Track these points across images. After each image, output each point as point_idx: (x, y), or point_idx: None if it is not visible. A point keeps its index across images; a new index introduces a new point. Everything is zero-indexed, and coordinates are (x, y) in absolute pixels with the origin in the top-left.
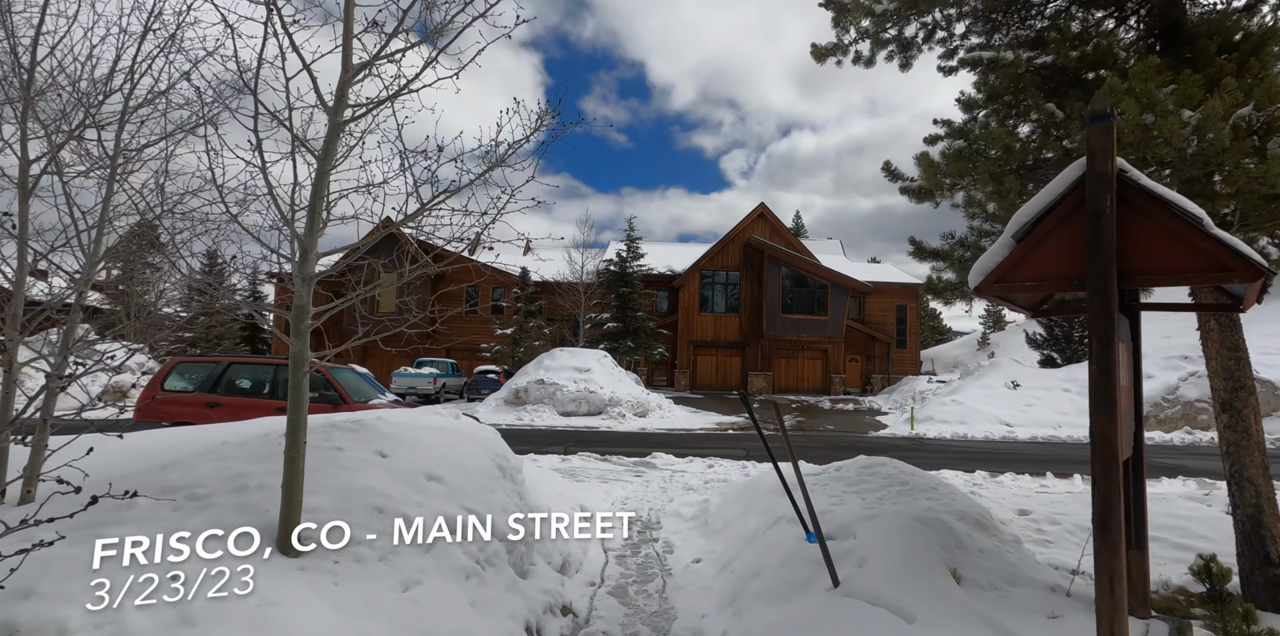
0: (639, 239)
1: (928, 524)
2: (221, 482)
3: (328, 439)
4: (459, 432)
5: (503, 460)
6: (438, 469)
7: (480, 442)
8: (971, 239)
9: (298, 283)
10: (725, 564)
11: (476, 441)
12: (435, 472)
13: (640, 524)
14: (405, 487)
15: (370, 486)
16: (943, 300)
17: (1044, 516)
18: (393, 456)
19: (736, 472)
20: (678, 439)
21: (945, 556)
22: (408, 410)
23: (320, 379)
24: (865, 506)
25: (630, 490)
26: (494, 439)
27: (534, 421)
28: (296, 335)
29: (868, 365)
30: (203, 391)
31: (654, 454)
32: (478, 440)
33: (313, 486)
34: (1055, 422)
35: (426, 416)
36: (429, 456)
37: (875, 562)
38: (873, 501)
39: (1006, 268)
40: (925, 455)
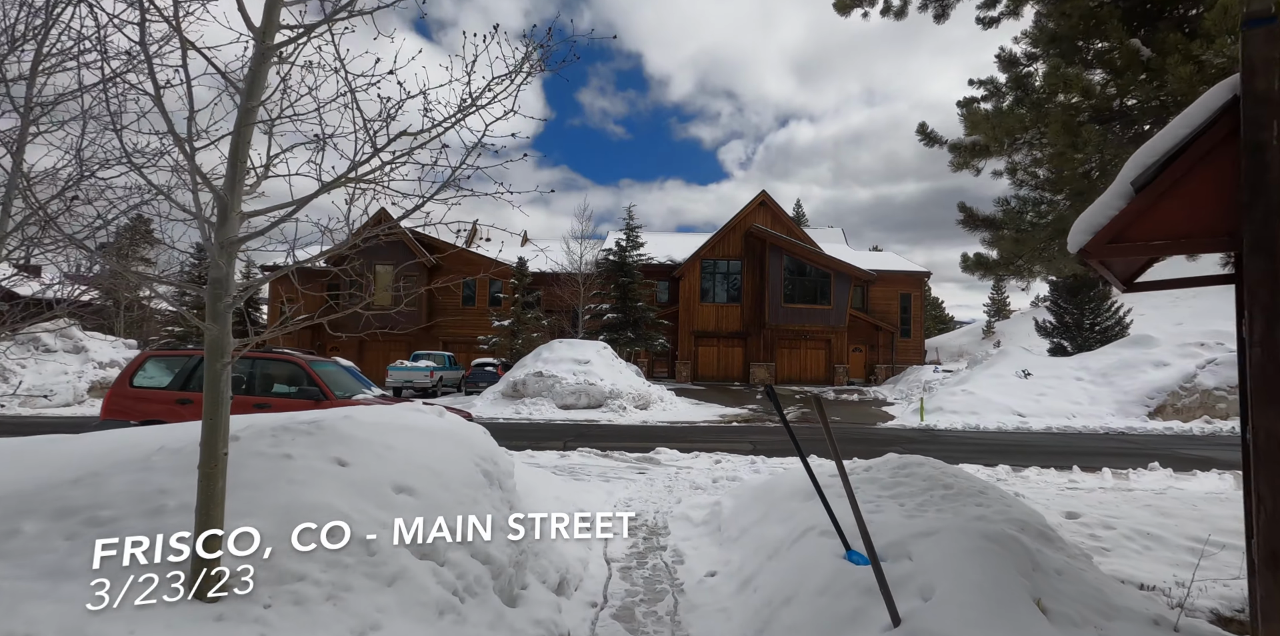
0: (638, 227)
1: (997, 541)
2: (134, 502)
3: (276, 444)
4: (439, 433)
5: (490, 464)
6: (410, 478)
7: (464, 444)
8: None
9: (215, 250)
10: (745, 580)
11: (459, 443)
12: (406, 483)
13: (646, 529)
14: (367, 503)
15: (322, 503)
16: (993, 276)
17: (1095, 520)
18: (355, 464)
19: (745, 468)
20: (681, 432)
21: (1026, 583)
22: (385, 407)
23: (300, 373)
24: (906, 514)
25: (634, 490)
26: (481, 439)
27: (532, 415)
28: (214, 317)
29: (871, 355)
30: (174, 387)
31: (657, 449)
32: (461, 441)
33: (247, 506)
34: (1069, 412)
35: (404, 414)
36: (400, 463)
37: (945, 593)
38: (913, 508)
39: (1123, 224)
40: (939, 448)
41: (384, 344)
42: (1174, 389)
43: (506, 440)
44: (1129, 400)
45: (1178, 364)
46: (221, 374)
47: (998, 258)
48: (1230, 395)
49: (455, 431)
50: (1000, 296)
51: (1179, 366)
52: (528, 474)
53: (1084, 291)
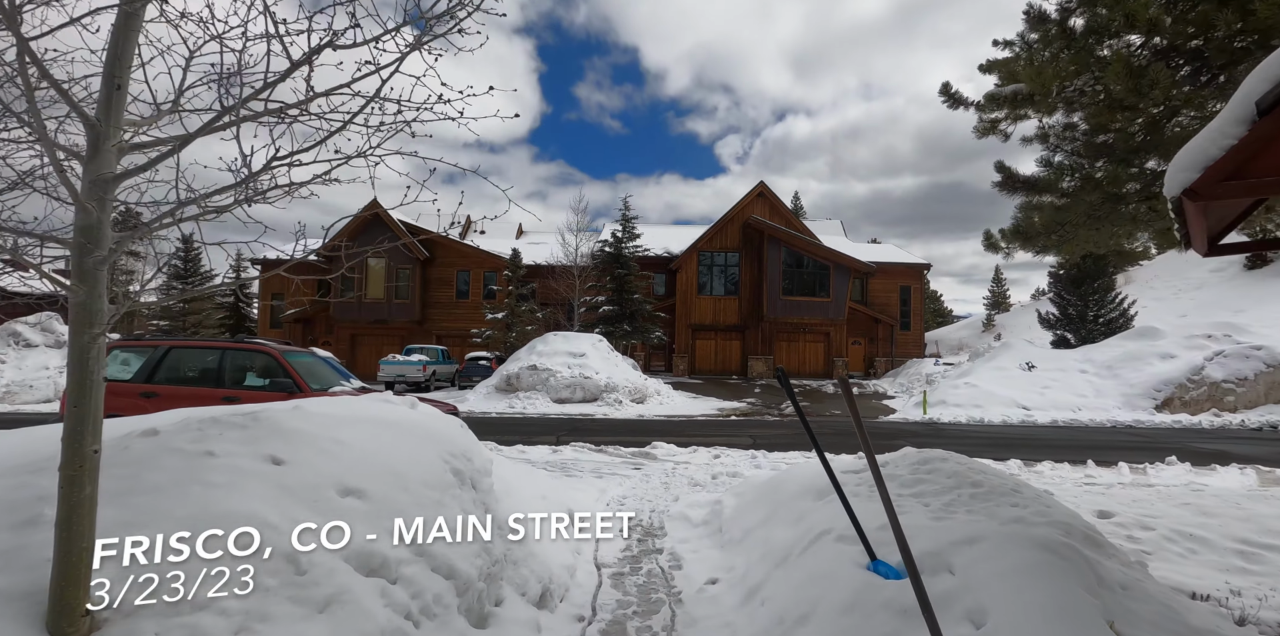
0: (634, 218)
1: (1053, 550)
2: (3, 512)
3: (199, 439)
4: (405, 427)
5: (462, 461)
6: (360, 478)
7: (432, 439)
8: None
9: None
10: (751, 590)
11: (427, 438)
12: (355, 484)
13: (641, 529)
14: (303, 509)
15: (242, 511)
16: (1032, 248)
17: (1131, 520)
18: (293, 463)
19: (746, 464)
20: (678, 426)
21: (1094, 603)
22: (347, 398)
23: (273, 364)
24: (933, 516)
25: (628, 487)
26: (453, 434)
27: (526, 409)
28: (81, 275)
29: (870, 348)
30: (138, 380)
31: (654, 443)
32: (429, 436)
33: (142, 515)
34: (1074, 405)
35: (368, 406)
36: (351, 461)
37: (1003, 619)
38: (939, 509)
39: (1245, 155)
40: (944, 442)
41: (377, 337)
42: (1181, 381)
43: (498, 435)
44: (1135, 393)
45: (1185, 356)
46: (90, 349)
47: (1038, 226)
48: (1239, 388)
49: (425, 425)
50: (1000, 289)
51: (1186, 358)
52: (512, 471)
53: (1087, 283)
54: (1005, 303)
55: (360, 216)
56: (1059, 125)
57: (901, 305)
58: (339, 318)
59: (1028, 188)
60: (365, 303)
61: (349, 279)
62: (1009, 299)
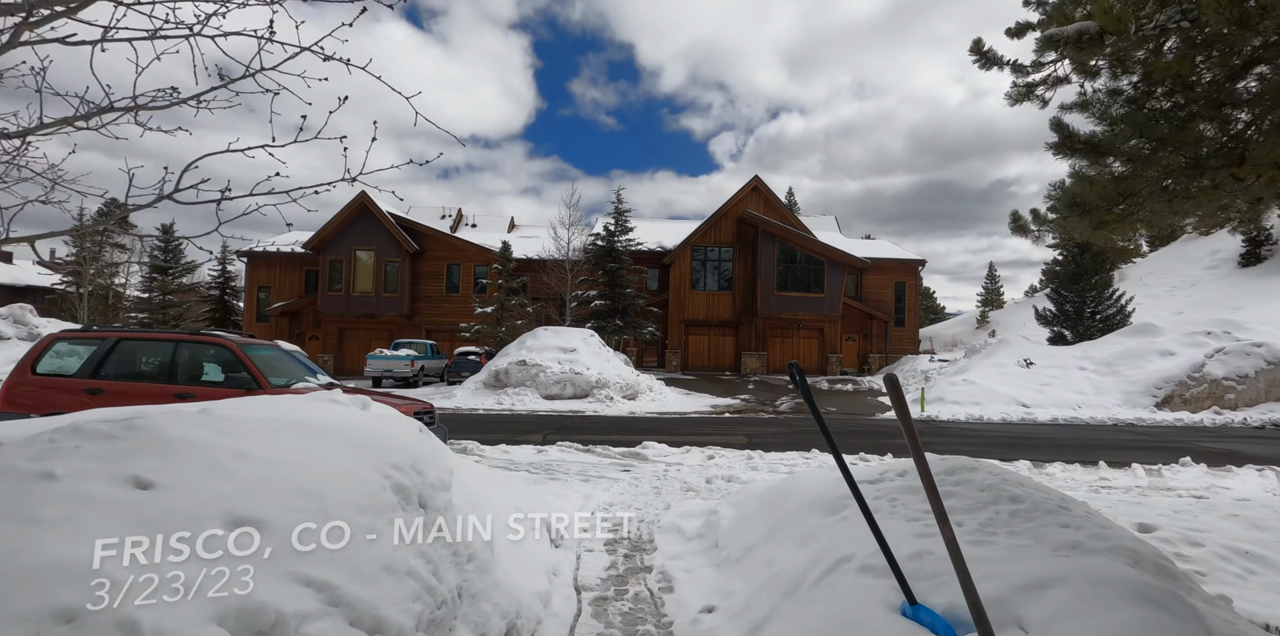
0: (628, 211)
1: (1152, 600)
2: None
3: (42, 455)
4: (336, 434)
5: (409, 475)
6: (261, 505)
7: (372, 448)
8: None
9: None
10: (755, 626)
11: (364, 447)
12: (252, 512)
13: (628, 543)
14: (165, 552)
15: (70, 560)
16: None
17: (1176, 534)
18: (166, 486)
19: (742, 465)
20: (671, 424)
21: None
22: (277, 398)
23: (231, 358)
24: (972, 540)
25: (616, 492)
26: (404, 441)
27: (514, 405)
28: None
29: (865, 344)
30: (84, 375)
31: (644, 443)
32: (369, 445)
33: None
34: (1074, 402)
35: (302, 407)
36: (251, 481)
37: None
38: (976, 530)
39: None
40: (946, 440)
41: (365, 331)
42: (1182, 379)
43: (483, 433)
44: (1136, 390)
45: (1185, 353)
46: None
47: (1095, 198)
48: (1240, 385)
49: (368, 430)
50: (994, 286)
51: (1186, 356)
52: (485, 478)
53: (1085, 279)
54: (999, 299)
55: (348, 208)
56: (1104, 90)
57: (896, 301)
58: (326, 311)
59: (1089, 150)
60: (353, 296)
61: (336, 272)
62: (1002, 295)
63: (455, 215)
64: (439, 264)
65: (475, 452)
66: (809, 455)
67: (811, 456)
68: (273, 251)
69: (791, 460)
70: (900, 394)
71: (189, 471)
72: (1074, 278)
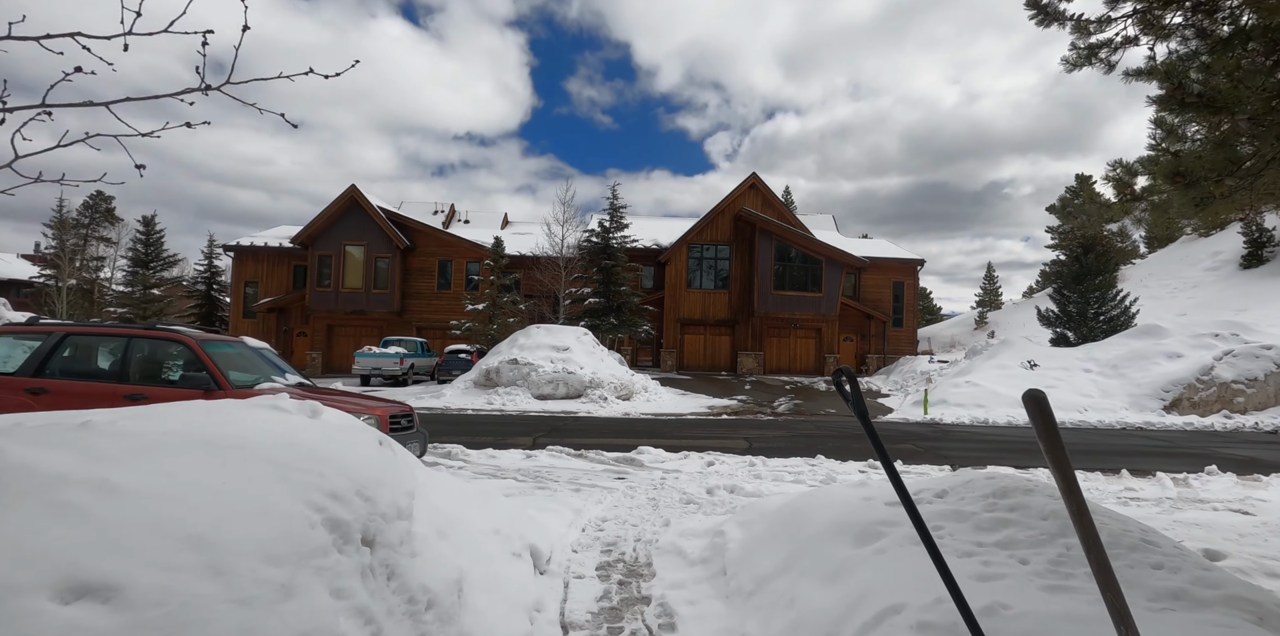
0: (623, 207)
1: None
2: None
3: None
4: (257, 453)
5: (351, 505)
6: (118, 562)
7: (304, 472)
8: None
9: None
10: None
11: (294, 471)
12: (102, 574)
13: (623, 567)
14: None
15: None
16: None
17: (1249, 563)
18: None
19: (744, 473)
20: (667, 426)
21: None
22: (202, 404)
23: (188, 355)
24: (1045, 584)
25: (609, 504)
26: (350, 459)
27: (505, 405)
28: None
29: (863, 344)
30: (26, 373)
31: (640, 448)
32: (300, 467)
33: None
34: (1080, 406)
35: (219, 417)
36: (112, 527)
37: None
38: (1045, 569)
39: None
40: (952, 445)
41: (355, 328)
42: (1190, 382)
43: (470, 436)
44: (1143, 393)
45: (1192, 355)
46: None
47: (1205, 165)
48: (1249, 388)
49: (307, 447)
50: (992, 287)
51: (1194, 358)
52: (458, 494)
53: (1088, 279)
54: (997, 300)
55: (338, 202)
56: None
57: (894, 301)
58: (315, 307)
59: (1203, 106)
60: (342, 292)
61: (325, 267)
62: (1001, 296)
63: (448, 211)
64: (430, 260)
65: (459, 458)
66: (814, 462)
67: (817, 463)
68: (260, 246)
69: (796, 467)
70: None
71: (18, 516)
72: (1077, 278)
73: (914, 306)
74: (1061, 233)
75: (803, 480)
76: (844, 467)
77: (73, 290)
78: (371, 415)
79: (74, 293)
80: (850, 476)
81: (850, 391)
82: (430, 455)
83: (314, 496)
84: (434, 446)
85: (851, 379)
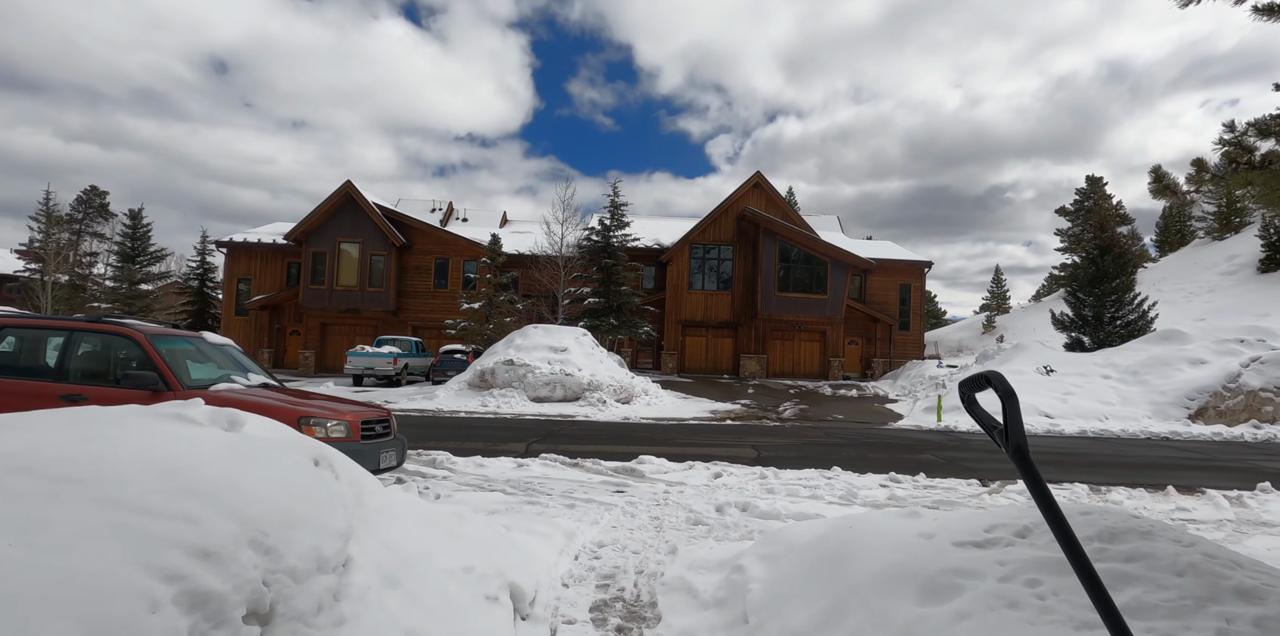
0: (624, 205)
1: None
2: None
3: None
4: (90, 495)
5: (239, 564)
6: None
7: (164, 519)
8: None
9: None
10: None
11: (146, 517)
12: None
13: (623, 607)
14: None
15: None
16: None
17: None
18: None
19: (755, 487)
20: (669, 432)
21: None
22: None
23: (136, 351)
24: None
25: (607, 524)
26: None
27: (500, 408)
28: None
29: (868, 348)
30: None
31: (641, 456)
32: (160, 510)
33: None
34: (1101, 413)
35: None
36: None
37: None
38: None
39: None
40: (974, 455)
41: (349, 327)
42: (1216, 389)
43: (460, 440)
44: (1166, 401)
45: (1217, 362)
46: None
47: None
48: (1278, 397)
49: (187, 476)
50: (1000, 290)
51: (1220, 364)
52: (425, 522)
53: (1104, 282)
54: (1005, 304)
55: (333, 198)
56: None
57: (900, 304)
58: (308, 305)
59: None
60: (336, 290)
61: (319, 264)
62: (1009, 300)
63: (445, 209)
64: (427, 258)
65: (445, 466)
66: (830, 474)
67: (833, 476)
68: (253, 242)
69: (811, 480)
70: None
71: None
72: (1093, 281)
73: (921, 309)
74: (1071, 235)
75: (819, 495)
76: (863, 481)
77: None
78: (340, 421)
79: (64, 288)
80: (871, 491)
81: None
82: (413, 463)
83: (169, 557)
84: (419, 453)
85: (1010, 399)
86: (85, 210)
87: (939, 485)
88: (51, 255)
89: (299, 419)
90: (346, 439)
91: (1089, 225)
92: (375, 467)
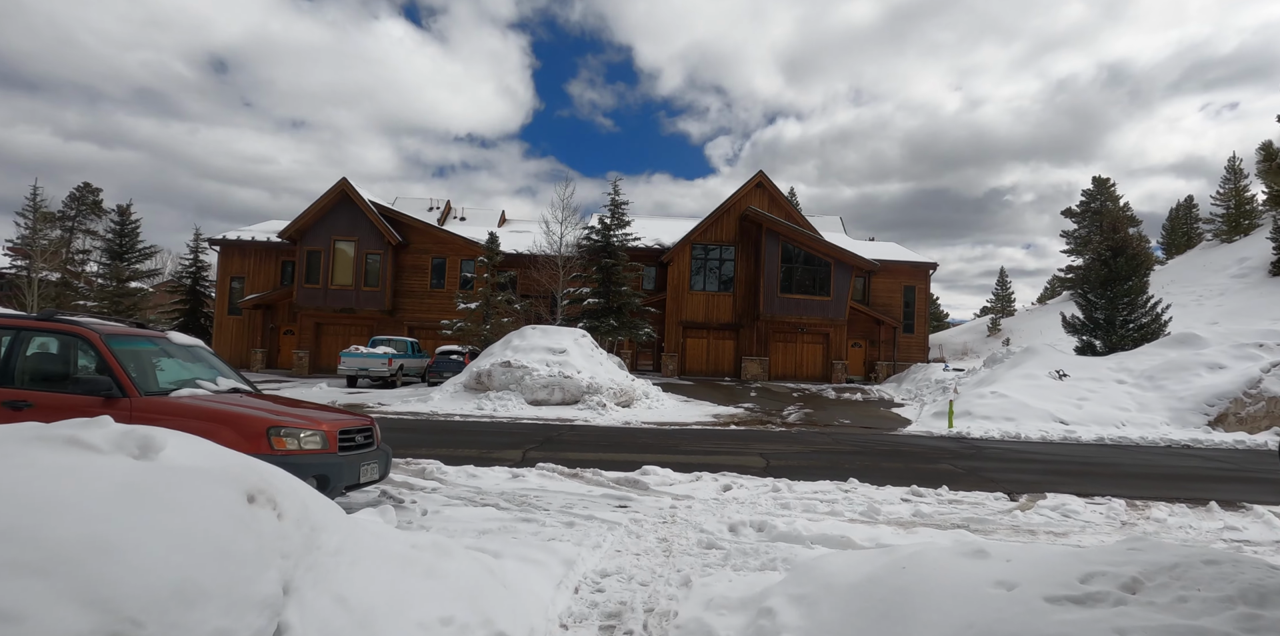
0: (625, 204)
1: None
2: None
3: None
4: None
5: None
6: None
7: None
8: None
9: None
10: None
11: None
12: None
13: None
14: None
15: None
16: None
17: None
18: None
19: (769, 502)
20: (672, 438)
21: None
22: None
23: (88, 351)
24: None
25: (609, 549)
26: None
27: (496, 411)
28: None
29: (871, 351)
30: None
31: (644, 467)
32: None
33: None
34: (1117, 420)
35: None
36: None
37: None
38: None
39: None
40: (992, 465)
41: (344, 327)
42: (1237, 395)
43: (452, 447)
44: (1185, 407)
45: (1236, 367)
46: None
47: None
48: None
49: (23, 536)
50: (1005, 292)
51: (1239, 369)
52: (394, 560)
53: (1116, 284)
54: (1009, 306)
55: (328, 195)
56: None
57: (905, 306)
58: (302, 304)
59: None
60: (331, 289)
61: (314, 263)
62: (1014, 302)
63: (443, 207)
64: (424, 257)
65: (434, 476)
66: (846, 486)
67: (850, 488)
68: (247, 240)
69: (828, 494)
70: None
71: None
72: (1105, 283)
73: (925, 312)
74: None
75: (839, 511)
76: (883, 495)
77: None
78: (316, 431)
79: (54, 286)
80: (894, 507)
81: None
82: (401, 473)
83: None
84: (408, 461)
85: None
86: (78, 207)
87: (964, 499)
88: (39, 252)
89: (268, 428)
90: (322, 450)
91: (1099, 226)
92: (355, 482)
